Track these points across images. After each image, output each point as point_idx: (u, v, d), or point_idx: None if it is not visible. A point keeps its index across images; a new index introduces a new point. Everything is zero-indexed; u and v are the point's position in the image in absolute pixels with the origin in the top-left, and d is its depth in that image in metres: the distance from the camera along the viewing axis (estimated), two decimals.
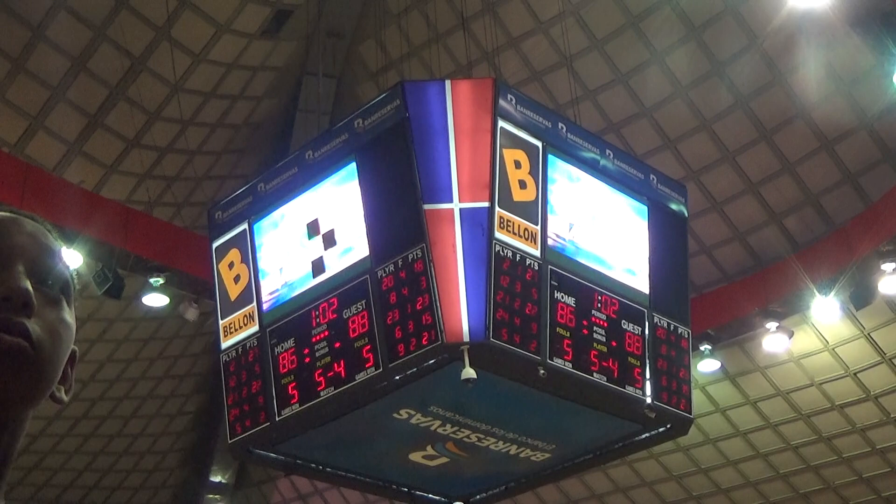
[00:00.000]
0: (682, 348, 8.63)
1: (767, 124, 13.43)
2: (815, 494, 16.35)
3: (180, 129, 14.71)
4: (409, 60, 14.46)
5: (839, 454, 15.65)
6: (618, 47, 13.57)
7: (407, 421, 8.18)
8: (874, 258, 12.47)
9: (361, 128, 7.88)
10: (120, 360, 17.72)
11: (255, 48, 14.57)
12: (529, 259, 7.51)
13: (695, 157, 14.03)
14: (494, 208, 7.36)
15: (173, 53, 13.46)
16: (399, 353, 7.29)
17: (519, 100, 7.88)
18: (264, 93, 15.50)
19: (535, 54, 14.06)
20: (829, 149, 13.29)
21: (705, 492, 17.10)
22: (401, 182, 7.54)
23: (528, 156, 7.74)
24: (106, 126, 14.04)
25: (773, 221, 14.14)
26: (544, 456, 9.02)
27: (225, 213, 8.90)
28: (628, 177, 8.64)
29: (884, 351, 14.14)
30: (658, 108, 13.82)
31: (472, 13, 13.29)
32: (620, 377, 7.97)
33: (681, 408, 8.48)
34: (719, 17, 12.85)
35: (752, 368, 15.23)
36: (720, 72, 13.23)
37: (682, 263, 9.04)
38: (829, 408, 15.14)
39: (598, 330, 7.90)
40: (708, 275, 14.71)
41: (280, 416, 7.96)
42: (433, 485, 9.58)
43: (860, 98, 12.70)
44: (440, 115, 7.61)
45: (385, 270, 7.45)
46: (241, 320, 8.52)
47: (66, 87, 13.37)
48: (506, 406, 8.19)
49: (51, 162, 13.79)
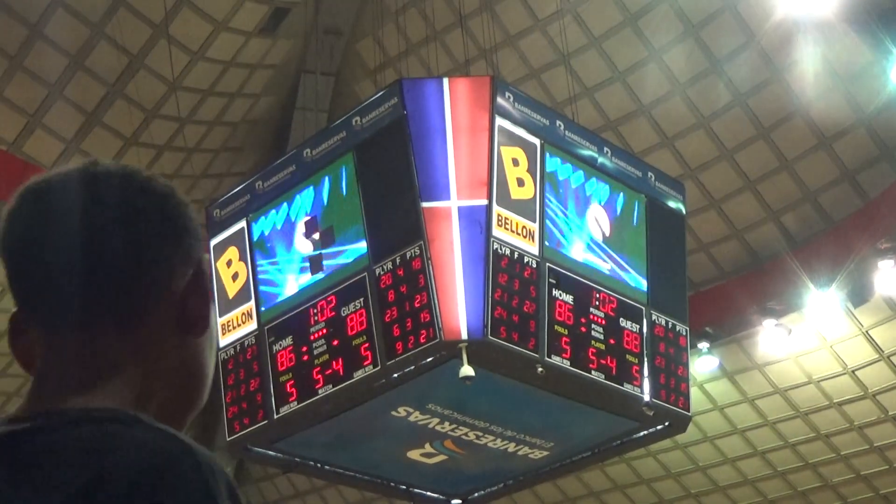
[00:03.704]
0: (680, 346, 8.64)
1: (765, 122, 13.43)
2: (813, 492, 16.35)
3: (178, 126, 14.69)
4: (406, 58, 14.44)
5: (837, 452, 15.65)
6: (615, 45, 13.56)
7: (405, 419, 8.18)
8: (872, 255, 12.47)
9: (359, 125, 7.88)
10: None
11: (253, 46, 14.54)
12: (528, 257, 7.51)
13: (692, 155, 14.02)
14: (492, 206, 7.36)
15: (171, 51, 13.43)
16: (397, 351, 7.29)
17: (517, 97, 7.88)
18: (262, 90, 15.48)
19: (533, 52, 14.05)
20: (826, 146, 13.29)
21: (703, 489, 17.10)
22: (399, 180, 7.55)
23: (526, 153, 7.74)
24: (104, 124, 14.02)
25: (771, 219, 14.14)
26: (542, 454, 9.03)
27: (223, 211, 8.89)
28: (626, 174, 8.64)
29: (882, 348, 14.14)
30: (656, 105, 13.81)
31: (469, 11, 13.27)
32: (619, 375, 7.97)
33: (679, 405, 8.49)
34: (717, 15, 12.84)
35: (750, 366, 15.22)
36: (718, 69, 13.22)
37: (680, 261, 9.05)
38: (827, 405, 15.14)
39: (597, 327, 7.91)
40: (706, 272, 14.70)
41: (278, 413, 7.96)
42: (431, 482, 9.59)
43: (858, 95, 12.69)
44: (438, 112, 7.60)
45: (383, 268, 7.45)
46: (239, 318, 8.52)
47: (64, 85, 13.35)
48: (504, 404, 8.19)
49: (48, 160, 13.77)
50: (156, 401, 1.24)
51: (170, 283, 1.26)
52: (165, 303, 1.26)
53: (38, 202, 1.25)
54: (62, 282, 1.21)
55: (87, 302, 1.21)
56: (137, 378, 1.22)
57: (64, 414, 1.13)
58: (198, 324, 1.29)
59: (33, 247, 1.23)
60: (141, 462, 1.04)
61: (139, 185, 1.26)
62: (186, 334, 1.28)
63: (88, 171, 1.26)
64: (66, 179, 1.25)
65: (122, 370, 1.21)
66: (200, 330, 1.29)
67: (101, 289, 1.22)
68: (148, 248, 1.24)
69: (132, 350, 1.23)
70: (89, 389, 1.19)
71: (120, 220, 1.23)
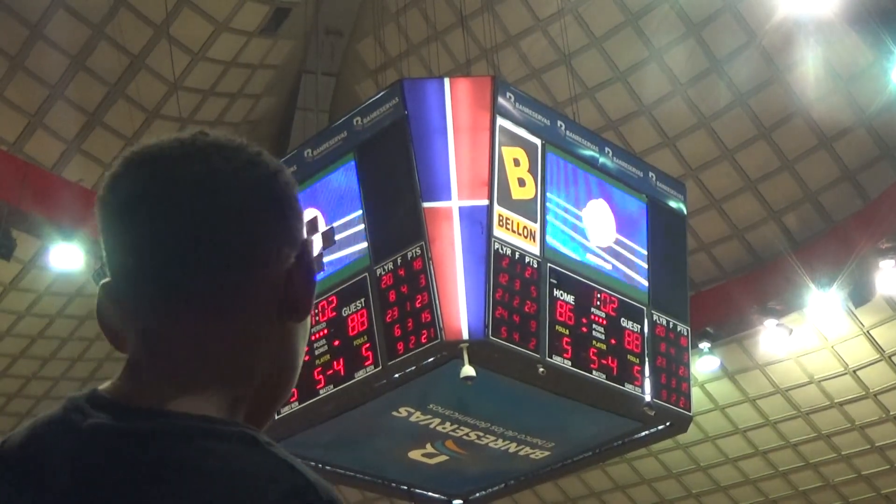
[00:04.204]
0: (681, 346, 8.64)
1: (766, 122, 13.43)
2: (814, 492, 16.35)
3: (179, 127, 14.68)
4: (407, 58, 14.45)
5: (838, 452, 15.65)
6: (616, 45, 13.56)
7: (406, 419, 8.18)
8: (873, 255, 12.47)
9: (360, 126, 7.88)
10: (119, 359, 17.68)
11: (254, 46, 14.55)
12: (529, 257, 7.51)
13: (693, 155, 14.02)
14: (493, 206, 7.36)
15: (172, 51, 13.44)
16: (398, 352, 7.29)
17: (518, 98, 7.88)
18: (263, 91, 15.49)
19: (534, 52, 14.05)
20: (827, 146, 13.29)
21: (704, 489, 17.10)
22: (400, 180, 7.55)
23: (528, 154, 7.74)
24: (105, 124, 14.02)
25: (772, 219, 14.14)
26: (543, 454, 9.03)
27: None
28: (627, 174, 8.64)
29: (883, 348, 14.14)
30: (657, 105, 13.81)
31: (470, 11, 13.28)
32: (620, 375, 7.97)
33: (680, 405, 8.48)
34: (718, 15, 12.84)
35: (752, 366, 15.22)
36: (719, 69, 13.22)
37: (681, 261, 9.05)
38: (828, 405, 15.14)
39: (598, 328, 7.91)
40: (707, 272, 14.70)
41: (279, 413, 7.96)
42: (432, 483, 9.59)
43: (859, 95, 12.69)
44: (439, 112, 7.61)
45: (384, 268, 7.45)
46: None
47: (65, 86, 13.35)
48: (505, 404, 8.19)
49: (50, 160, 13.78)
50: (252, 394, 1.18)
51: (274, 264, 1.20)
52: (267, 285, 1.19)
53: (144, 168, 1.19)
54: (160, 256, 1.14)
55: (185, 280, 1.14)
56: (236, 369, 1.17)
57: (178, 420, 1.08)
58: (299, 309, 1.22)
59: (134, 215, 1.16)
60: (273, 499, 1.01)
61: (248, 159, 1.20)
62: (287, 320, 1.22)
63: (198, 140, 1.20)
64: (174, 147, 1.19)
65: (220, 359, 1.15)
66: (301, 315, 1.23)
67: (201, 267, 1.15)
68: (253, 225, 1.18)
69: (232, 336, 1.16)
70: (190, 384, 1.13)
71: (225, 194, 1.16)
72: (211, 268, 1.15)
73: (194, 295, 1.15)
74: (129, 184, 1.19)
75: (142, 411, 1.09)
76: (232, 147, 1.21)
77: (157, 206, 1.16)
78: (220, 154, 1.19)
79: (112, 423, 1.08)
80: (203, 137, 1.21)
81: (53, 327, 15.64)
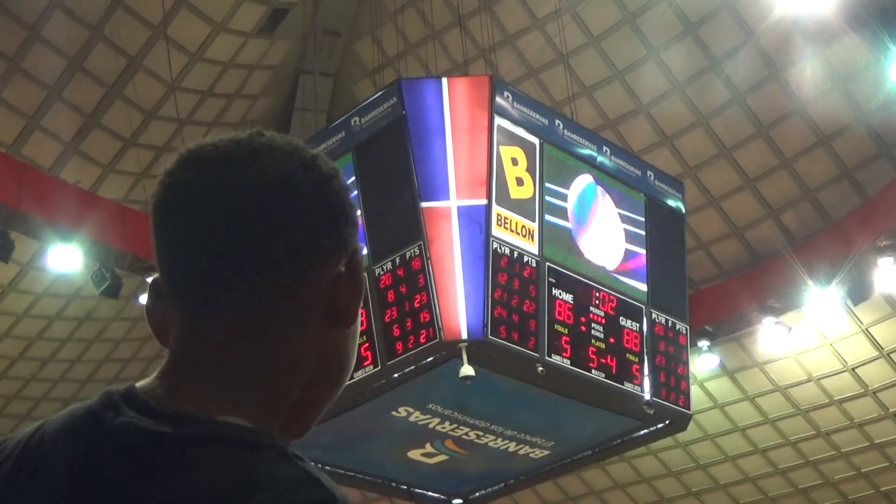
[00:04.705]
0: (680, 344, 8.64)
1: (764, 120, 13.43)
2: (814, 489, 16.36)
3: (177, 128, 14.68)
4: (405, 58, 14.44)
5: (838, 449, 15.66)
6: (614, 44, 13.56)
7: (406, 419, 8.18)
8: (871, 253, 12.48)
9: (358, 126, 7.88)
10: (118, 360, 17.70)
11: (252, 47, 14.55)
12: (527, 256, 7.51)
13: (692, 154, 14.02)
14: (492, 206, 7.36)
15: (169, 52, 13.43)
16: (397, 351, 7.29)
17: (516, 97, 7.88)
18: (261, 91, 15.48)
19: (532, 51, 14.05)
20: (825, 144, 13.29)
21: (704, 488, 17.10)
22: (398, 180, 7.55)
23: (526, 153, 7.74)
24: (102, 125, 14.01)
25: (771, 217, 14.14)
26: (543, 453, 9.03)
27: None
28: (625, 173, 8.65)
29: (882, 346, 14.15)
30: (655, 104, 13.81)
31: (468, 11, 13.27)
32: (619, 374, 7.97)
33: (679, 404, 8.49)
34: (715, 14, 12.85)
35: (751, 364, 15.23)
36: (716, 68, 13.22)
37: (679, 260, 9.05)
38: (827, 403, 15.15)
39: (597, 326, 7.91)
40: (705, 271, 14.70)
41: None
42: (432, 482, 9.59)
43: (857, 93, 12.70)
44: (437, 112, 7.61)
45: (383, 268, 7.45)
46: None
47: (63, 87, 13.34)
48: (504, 403, 8.19)
49: (47, 161, 13.77)
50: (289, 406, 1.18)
51: (321, 270, 1.17)
52: (314, 291, 1.17)
53: (194, 167, 1.17)
54: (203, 254, 1.14)
55: (227, 281, 1.13)
56: (275, 379, 1.16)
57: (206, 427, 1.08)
58: (344, 318, 1.21)
59: (188, 213, 1.15)
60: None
61: (302, 162, 1.18)
62: (331, 328, 1.20)
63: (254, 140, 1.19)
64: (227, 147, 1.18)
65: (259, 368, 1.14)
66: (345, 324, 1.21)
67: (244, 268, 1.13)
68: (302, 228, 1.16)
69: (272, 344, 1.15)
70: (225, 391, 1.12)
71: (273, 196, 1.14)
72: (254, 269, 1.14)
73: (236, 297, 1.14)
74: (178, 182, 1.18)
75: (172, 415, 1.09)
76: (286, 149, 1.19)
77: (202, 205, 1.15)
78: (272, 155, 1.18)
79: (140, 424, 1.08)
80: (258, 138, 1.20)
81: (52, 329, 15.64)
